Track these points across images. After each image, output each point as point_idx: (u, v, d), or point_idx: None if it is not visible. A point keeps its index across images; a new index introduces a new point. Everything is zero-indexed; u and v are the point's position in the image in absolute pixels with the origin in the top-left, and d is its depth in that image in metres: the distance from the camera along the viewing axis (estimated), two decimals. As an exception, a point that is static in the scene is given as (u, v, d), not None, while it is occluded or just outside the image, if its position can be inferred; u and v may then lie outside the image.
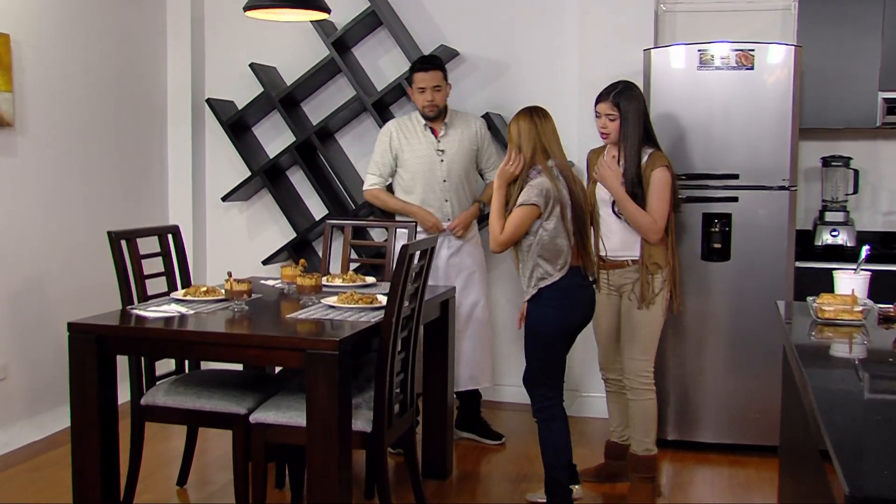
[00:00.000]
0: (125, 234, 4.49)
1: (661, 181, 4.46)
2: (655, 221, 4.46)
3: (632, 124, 4.46)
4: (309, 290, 4.35)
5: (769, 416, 5.16)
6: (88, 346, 3.88)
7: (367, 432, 3.93)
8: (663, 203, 4.47)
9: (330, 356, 3.63)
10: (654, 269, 4.50)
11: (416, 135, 5.34)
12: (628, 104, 4.47)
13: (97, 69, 5.87)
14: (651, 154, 4.52)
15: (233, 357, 3.90)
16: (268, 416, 3.96)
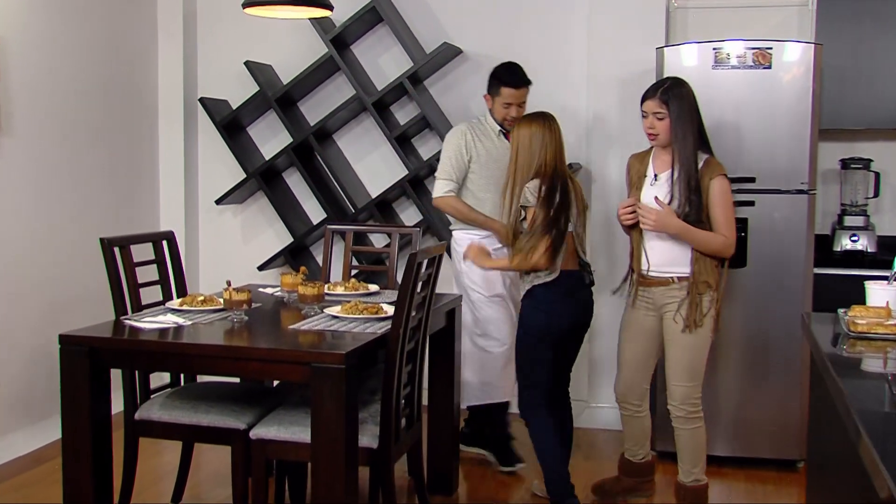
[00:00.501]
0: (118, 240, 4.27)
1: (723, 191, 4.14)
2: (727, 237, 4.14)
3: (684, 124, 4.14)
4: (311, 299, 4.14)
5: (788, 429, 4.99)
6: (81, 359, 3.67)
7: (373, 448, 3.74)
8: (730, 213, 4.16)
9: (336, 370, 3.43)
10: (704, 289, 4.18)
11: (490, 139, 4.96)
12: (680, 102, 4.16)
13: (86, 68, 5.64)
14: (707, 160, 4.19)
15: (233, 371, 3.69)
16: (269, 431, 3.76)
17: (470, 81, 5.98)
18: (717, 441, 5.07)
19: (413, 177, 5.88)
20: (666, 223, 4.11)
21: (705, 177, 4.12)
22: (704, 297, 4.17)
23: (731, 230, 4.14)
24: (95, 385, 3.71)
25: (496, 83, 4.91)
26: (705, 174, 4.13)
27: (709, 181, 4.11)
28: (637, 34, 5.55)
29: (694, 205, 4.10)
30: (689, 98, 4.19)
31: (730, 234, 4.14)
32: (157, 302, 4.41)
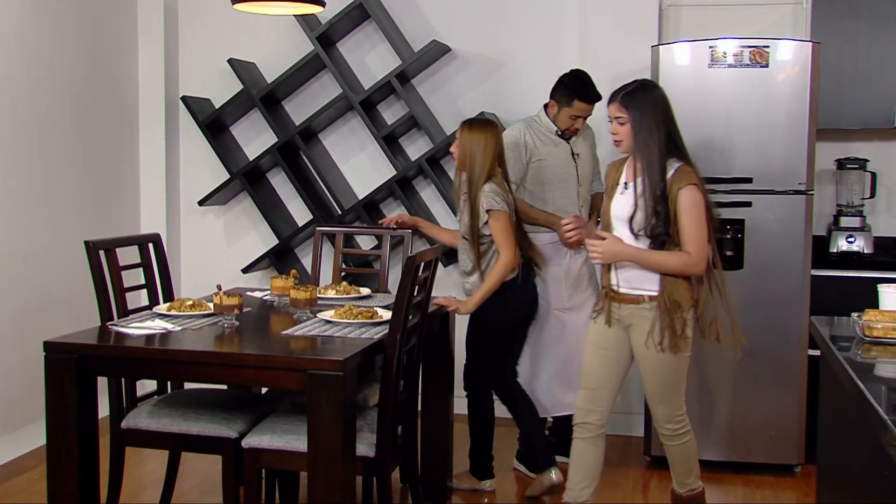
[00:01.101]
0: (104, 243, 4.12)
1: (691, 203, 3.74)
2: (690, 253, 3.75)
3: (647, 130, 3.79)
4: (303, 303, 4.02)
5: (786, 434, 4.91)
6: (67, 367, 3.54)
7: (370, 457, 3.63)
8: (697, 226, 3.76)
9: (334, 377, 3.33)
10: (676, 310, 3.81)
11: (549, 139, 4.79)
12: (642, 106, 3.81)
13: (62, 65, 5.47)
14: (678, 169, 3.79)
15: (225, 378, 3.57)
16: (262, 440, 3.65)
17: (458, 80, 5.87)
18: (714, 446, 4.99)
19: (401, 177, 5.76)
20: (614, 253, 3.81)
21: (674, 186, 3.75)
22: (676, 318, 3.81)
23: (697, 245, 3.75)
24: (82, 393, 3.58)
25: (569, 94, 4.72)
26: (674, 183, 3.75)
27: (677, 191, 3.75)
28: (630, 32, 5.46)
29: (661, 217, 3.76)
30: (655, 102, 3.83)
31: (696, 250, 3.75)
32: (143, 307, 4.27)
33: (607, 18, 5.53)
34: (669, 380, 3.94)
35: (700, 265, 3.78)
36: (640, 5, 5.48)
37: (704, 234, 3.79)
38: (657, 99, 3.86)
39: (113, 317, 4.06)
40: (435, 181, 5.67)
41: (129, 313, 4.13)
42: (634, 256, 3.81)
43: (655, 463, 5.05)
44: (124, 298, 4.15)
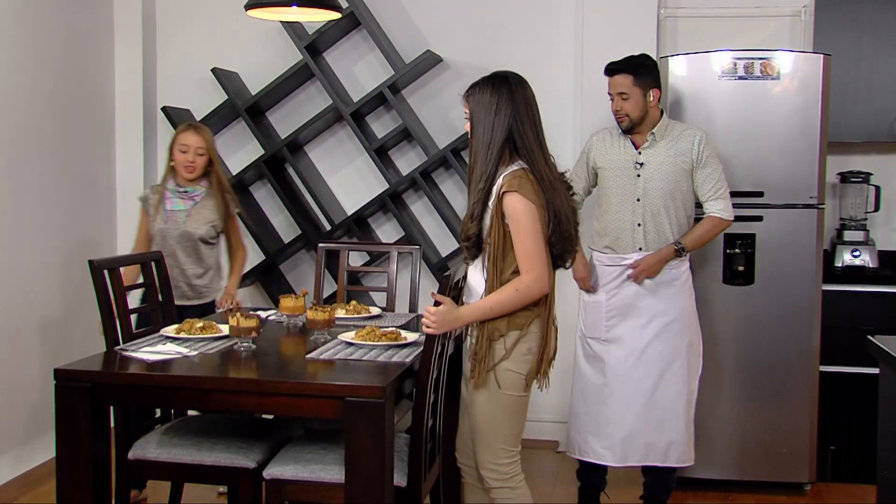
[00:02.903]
0: (108, 262, 3.89)
1: (514, 211, 3.24)
2: (521, 275, 3.26)
3: (480, 128, 3.34)
4: (321, 324, 3.83)
5: (798, 451, 4.83)
6: (80, 396, 3.30)
7: (402, 487, 3.44)
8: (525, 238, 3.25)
9: (374, 405, 3.14)
10: (494, 334, 3.31)
11: (613, 143, 4.37)
12: (478, 101, 3.37)
13: (35, 74, 5.18)
14: (511, 172, 3.29)
15: (254, 407, 3.34)
16: (285, 471, 3.44)
17: (450, 91, 5.71)
18: (723, 464, 4.90)
19: (392, 192, 5.58)
20: (451, 321, 3.30)
21: (501, 191, 3.27)
22: (496, 345, 3.31)
23: (527, 261, 3.25)
24: (95, 424, 3.35)
25: None
26: (501, 188, 3.26)
27: (501, 196, 3.26)
28: (627, 43, 5.31)
29: (476, 219, 3.32)
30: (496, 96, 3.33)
31: (527, 267, 3.25)
32: (147, 329, 4.04)
33: (604, 29, 5.44)
34: (483, 422, 3.37)
35: (539, 282, 3.25)
36: (638, 16, 5.41)
37: (537, 245, 3.25)
38: (500, 92, 3.34)
39: (118, 338, 3.83)
40: (429, 194, 5.50)
41: (135, 336, 3.91)
42: (473, 315, 3.31)
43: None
44: (129, 320, 3.92)
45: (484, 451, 3.38)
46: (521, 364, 3.32)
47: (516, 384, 3.33)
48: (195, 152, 4.59)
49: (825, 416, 4.88)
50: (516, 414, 3.37)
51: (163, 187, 4.66)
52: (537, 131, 3.35)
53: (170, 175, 4.66)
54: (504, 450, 3.37)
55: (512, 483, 3.38)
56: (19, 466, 4.96)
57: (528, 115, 3.34)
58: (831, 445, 4.97)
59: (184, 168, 4.60)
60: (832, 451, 4.98)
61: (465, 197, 5.57)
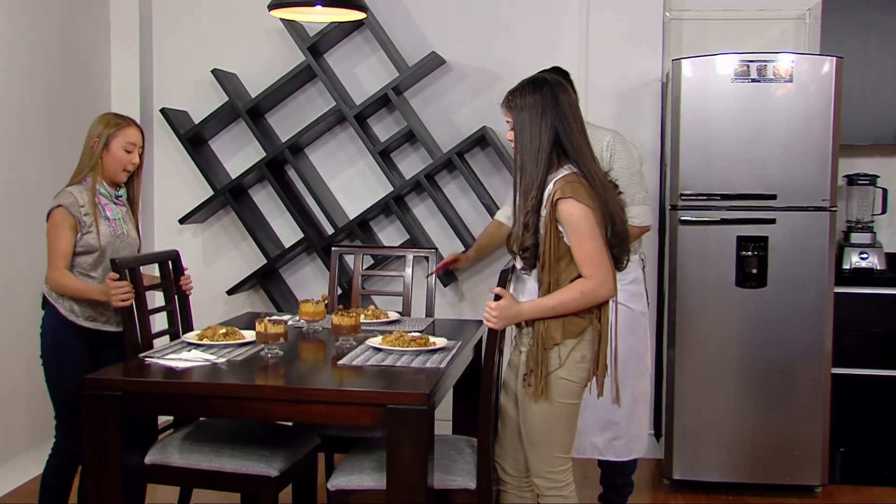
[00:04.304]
0: (130, 262, 3.78)
1: (572, 217, 3.17)
2: (588, 277, 3.19)
3: (526, 134, 3.26)
4: (347, 330, 3.77)
5: (810, 453, 4.83)
6: (111, 406, 3.22)
7: (471, 489, 3.40)
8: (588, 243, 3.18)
9: (417, 412, 3.09)
10: (550, 343, 3.23)
11: None
12: (520, 107, 3.28)
13: (30, 75, 5.05)
14: (563, 178, 3.22)
15: (292, 415, 3.28)
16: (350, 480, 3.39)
17: (453, 93, 5.66)
18: (734, 467, 4.89)
19: (396, 195, 5.52)
20: (511, 316, 3.25)
21: (554, 197, 3.19)
22: (551, 354, 3.24)
23: (592, 264, 3.18)
24: (126, 435, 3.26)
25: None
26: (554, 194, 3.19)
27: (555, 203, 3.19)
28: (633, 46, 5.38)
29: (531, 230, 3.24)
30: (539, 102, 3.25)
31: (593, 271, 3.18)
32: (161, 331, 3.93)
33: (609, 31, 5.42)
34: (539, 430, 3.31)
35: (605, 286, 3.20)
36: (643, 19, 5.39)
37: (598, 249, 3.19)
38: (543, 96, 3.26)
39: (138, 343, 3.73)
40: (434, 197, 5.45)
41: (153, 338, 3.80)
42: (535, 312, 3.23)
43: (676, 486, 4.92)
44: (148, 324, 3.82)
45: (538, 459, 3.33)
46: (574, 372, 3.26)
47: (571, 392, 3.27)
48: (137, 152, 3.99)
49: (834, 418, 4.88)
50: (570, 422, 3.32)
51: (92, 191, 3.87)
52: (583, 132, 3.30)
53: (97, 175, 3.89)
54: (558, 458, 3.32)
55: (565, 491, 3.33)
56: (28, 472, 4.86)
57: (574, 116, 3.28)
58: (841, 447, 4.97)
59: (123, 169, 3.94)
60: (842, 452, 4.98)
61: (469, 200, 5.59)
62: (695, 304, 4.86)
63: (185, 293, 4.13)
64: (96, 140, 3.88)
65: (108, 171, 3.91)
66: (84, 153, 3.92)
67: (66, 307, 3.81)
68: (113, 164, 3.90)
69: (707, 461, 4.91)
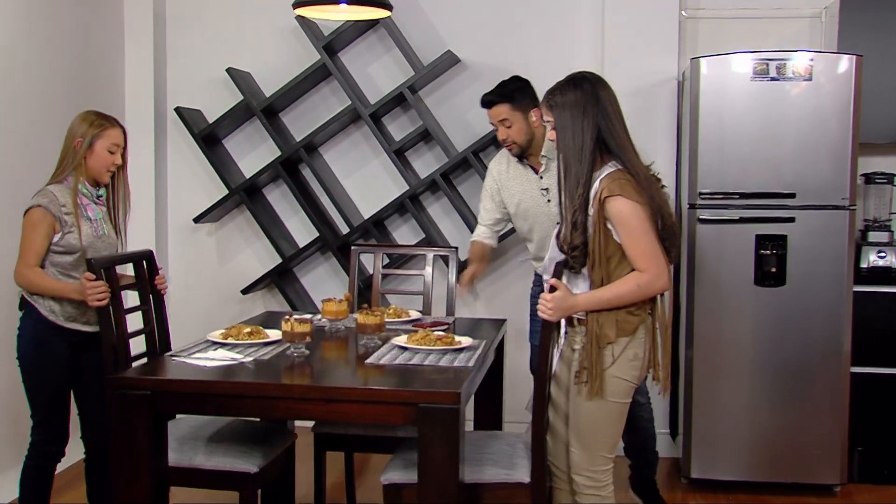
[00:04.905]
0: (105, 261, 3.70)
1: (622, 214, 3.17)
2: (643, 271, 3.19)
3: (568, 132, 3.26)
4: (372, 329, 3.77)
5: (829, 452, 4.82)
6: (140, 405, 3.20)
7: (525, 483, 3.42)
8: (640, 238, 3.19)
9: (449, 411, 3.09)
10: (603, 341, 3.23)
11: (519, 171, 4.43)
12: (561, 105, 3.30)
13: (45, 74, 5.04)
14: (608, 175, 3.23)
15: (323, 414, 3.27)
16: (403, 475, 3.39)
17: (467, 92, 5.64)
18: (753, 466, 4.88)
19: (411, 194, 5.51)
20: (567, 308, 3.26)
21: (601, 195, 3.19)
22: (606, 351, 3.24)
23: (646, 258, 3.18)
24: (154, 436, 3.25)
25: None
26: (601, 192, 3.20)
27: (603, 201, 3.19)
28: (649, 44, 5.36)
29: (579, 228, 3.23)
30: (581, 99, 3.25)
31: (647, 264, 3.18)
32: (137, 331, 3.85)
33: (624, 30, 5.40)
34: (588, 425, 3.31)
35: (661, 279, 3.20)
36: (658, 18, 5.38)
37: (651, 244, 3.19)
38: (584, 93, 3.26)
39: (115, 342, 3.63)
40: (449, 196, 5.44)
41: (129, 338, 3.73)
42: (590, 304, 3.23)
43: (693, 485, 4.92)
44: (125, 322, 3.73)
45: (582, 456, 3.33)
46: (627, 371, 3.25)
47: (622, 391, 3.27)
48: (120, 152, 3.90)
49: (853, 417, 4.88)
50: (619, 421, 3.32)
51: (74, 191, 3.81)
52: (624, 127, 3.30)
53: (80, 175, 3.84)
54: (602, 457, 3.32)
55: (603, 492, 3.33)
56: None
57: (615, 112, 3.29)
58: (859, 446, 4.97)
59: (107, 170, 3.87)
60: (860, 452, 4.98)
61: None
62: (713, 302, 4.86)
63: (160, 293, 4.02)
64: (80, 140, 3.82)
65: (92, 171, 3.85)
66: (65, 152, 3.85)
67: (46, 307, 3.74)
68: (97, 165, 3.85)
69: (725, 460, 4.90)
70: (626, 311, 3.22)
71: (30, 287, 3.73)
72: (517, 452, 3.56)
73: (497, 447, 3.61)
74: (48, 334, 3.76)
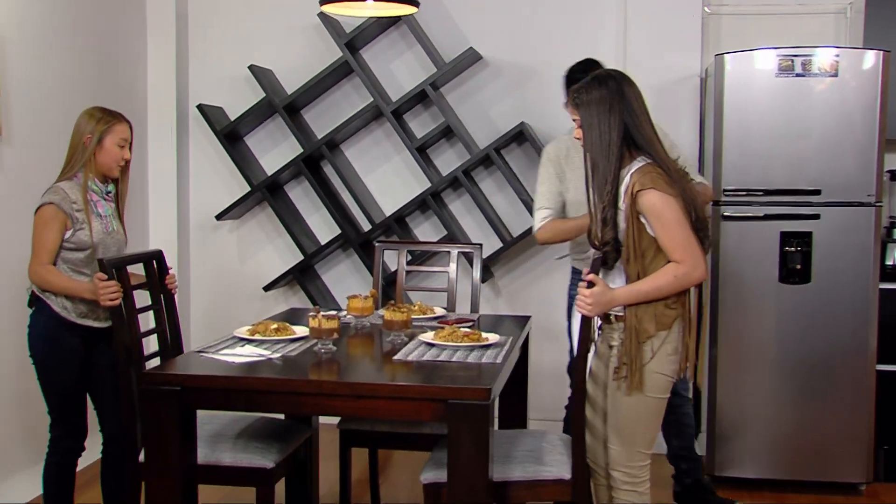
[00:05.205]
0: (117, 261, 3.69)
1: (656, 207, 3.16)
2: (679, 262, 3.18)
3: (595, 129, 3.25)
4: (399, 325, 3.75)
5: (854, 451, 4.80)
6: (169, 401, 3.20)
7: (565, 479, 3.42)
8: (675, 229, 3.18)
9: (479, 407, 3.07)
10: (643, 336, 3.23)
11: (577, 163, 4.19)
12: (587, 102, 3.27)
13: (67, 72, 5.04)
14: (638, 170, 3.22)
15: (351, 410, 3.24)
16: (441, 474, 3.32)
17: (489, 89, 5.64)
18: (778, 464, 4.87)
19: (433, 191, 5.51)
20: (606, 302, 3.25)
21: (633, 189, 3.19)
22: (644, 347, 3.23)
23: (682, 249, 3.17)
24: (183, 431, 3.25)
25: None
26: (633, 186, 3.19)
27: (635, 195, 3.18)
28: (671, 41, 5.36)
29: (609, 223, 3.26)
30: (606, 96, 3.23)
31: (683, 255, 3.17)
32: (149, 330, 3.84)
33: (648, 27, 5.40)
34: (627, 420, 3.30)
35: (698, 269, 3.18)
36: (682, 14, 5.38)
37: (686, 234, 3.18)
38: (609, 91, 3.24)
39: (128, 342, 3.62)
40: (472, 193, 5.44)
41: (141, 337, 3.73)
42: (629, 297, 3.23)
43: (717, 483, 4.89)
44: (137, 322, 3.72)
45: (620, 451, 3.32)
46: (665, 365, 3.25)
47: (661, 386, 3.26)
48: (127, 147, 3.92)
49: (879, 415, 4.85)
50: (657, 416, 3.32)
51: (84, 188, 3.80)
52: (651, 123, 3.30)
53: (90, 171, 3.84)
54: (639, 452, 3.31)
55: (640, 488, 3.32)
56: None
57: (641, 108, 3.28)
58: (884, 445, 4.94)
59: (117, 165, 3.88)
60: (885, 450, 4.95)
61: (505, 196, 5.57)
62: (737, 299, 4.84)
63: (170, 292, 4.01)
64: (89, 136, 3.82)
65: (102, 166, 3.85)
66: (74, 149, 3.85)
67: (58, 304, 3.73)
68: (107, 160, 3.85)
69: (749, 458, 4.89)
70: (664, 305, 3.21)
71: (44, 285, 3.72)
72: (556, 449, 3.56)
73: (534, 444, 3.61)
74: (60, 330, 3.76)
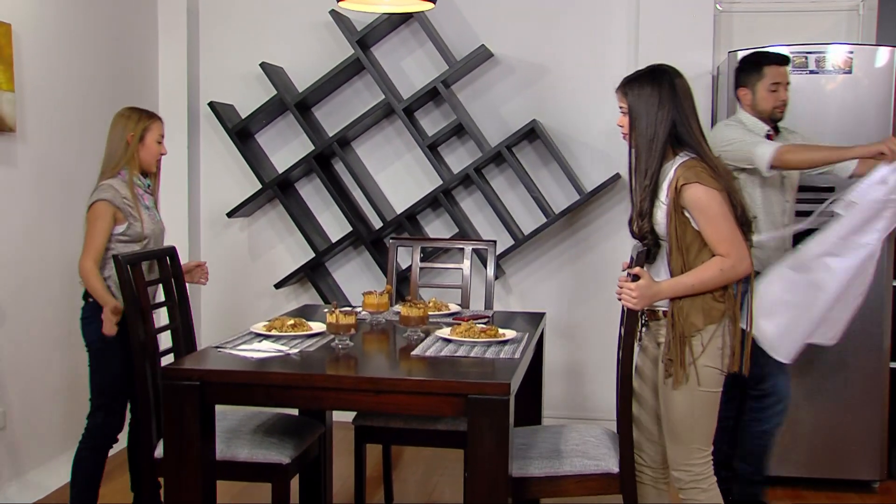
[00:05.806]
0: (131, 258, 3.68)
1: (701, 200, 3.16)
2: (724, 255, 3.17)
3: (643, 121, 3.27)
4: (416, 321, 3.74)
5: (868, 448, 4.79)
6: (189, 396, 3.20)
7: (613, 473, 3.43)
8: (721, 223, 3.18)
9: (499, 402, 3.07)
10: (691, 331, 3.22)
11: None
12: (638, 94, 3.30)
13: (79, 69, 5.04)
14: (682, 164, 3.23)
15: (371, 405, 3.22)
16: None
17: (500, 86, 5.65)
18: (792, 462, 4.86)
19: (445, 188, 5.51)
20: (651, 296, 3.24)
21: (677, 183, 3.19)
22: (693, 340, 3.22)
23: (728, 243, 3.17)
24: (203, 426, 3.25)
25: (756, 67, 4.29)
26: (677, 180, 3.19)
27: (679, 189, 3.18)
28: (683, 38, 5.35)
29: (647, 216, 3.29)
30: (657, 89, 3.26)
31: (729, 248, 3.16)
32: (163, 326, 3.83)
33: (659, 24, 5.40)
34: (682, 418, 3.28)
35: (743, 263, 3.18)
36: (693, 11, 5.38)
37: (731, 228, 3.18)
38: (661, 86, 3.27)
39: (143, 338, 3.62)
40: (483, 190, 5.43)
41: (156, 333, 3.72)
42: (674, 291, 3.23)
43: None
44: (152, 318, 3.71)
45: (678, 451, 3.30)
46: (716, 359, 3.23)
47: (714, 380, 3.25)
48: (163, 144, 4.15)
49: (892, 413, 4.85)
50: (712, 411, 3.29)
51: (130, 184, 3.98)
52: (698, 121, 3.32)
53: (132, 167, 4.00)
54: (698, 449, 3.28)
55: (704, 484, 3.29)
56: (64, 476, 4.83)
57: (690, 107, 3.30)
58: (897, 442, 4.95)
59: (156, 160, 4.10)
60: (899, 447, 4.96)
61: (517, 193, 5.56)
62: (751, 297, 4.83)
63: (183, 289, 4.03)
64: (131, 135, 4.01)
65: (144, 162, 4.06)
66: (114, 147, 4.03)
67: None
68: (148, 156, 4.06)
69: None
70: (711, 298, 3.21)
71: (85, 283, 3.89)
72: (603, 443, 3.57)
73: (579, 438, 3.63)
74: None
